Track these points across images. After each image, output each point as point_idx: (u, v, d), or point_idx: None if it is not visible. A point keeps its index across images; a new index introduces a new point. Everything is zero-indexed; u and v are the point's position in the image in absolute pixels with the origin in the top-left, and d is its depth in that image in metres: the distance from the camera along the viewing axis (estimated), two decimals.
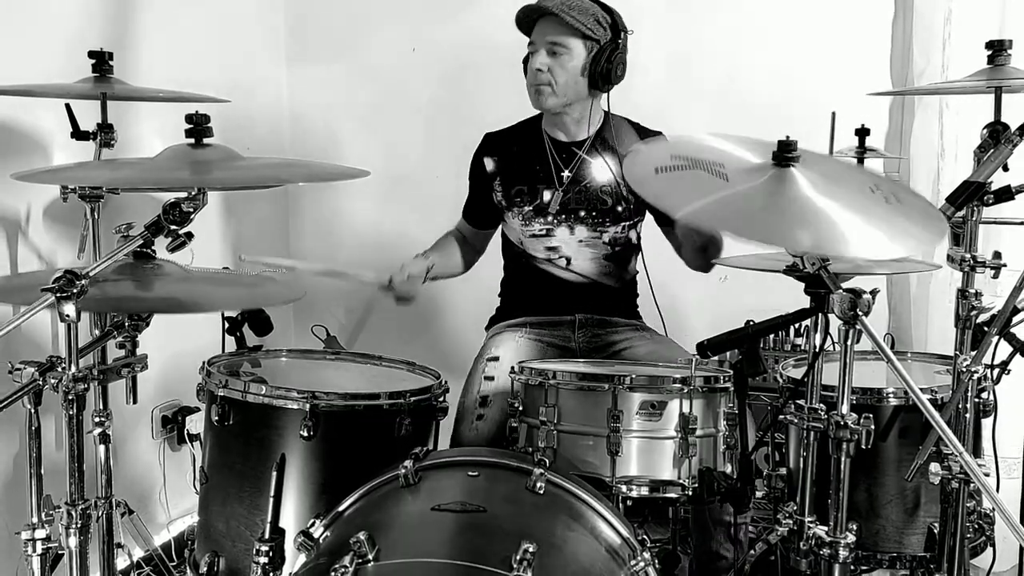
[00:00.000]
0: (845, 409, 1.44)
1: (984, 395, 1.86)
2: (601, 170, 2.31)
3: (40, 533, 1.42)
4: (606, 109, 2.35)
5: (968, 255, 1.68)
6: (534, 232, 2.34)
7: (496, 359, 2.22)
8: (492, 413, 2.08)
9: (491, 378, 2.16)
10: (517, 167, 2.35)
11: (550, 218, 2.31)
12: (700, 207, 1.42)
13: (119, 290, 1.57)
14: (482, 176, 2.39)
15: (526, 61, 2.28)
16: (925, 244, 1.72)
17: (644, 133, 2.35)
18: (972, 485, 1.72)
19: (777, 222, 1.42)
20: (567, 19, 2.16)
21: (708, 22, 2.88)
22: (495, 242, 2.49)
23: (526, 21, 2.25)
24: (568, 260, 2.34)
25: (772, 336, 2.62)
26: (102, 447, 1.82)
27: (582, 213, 2.31)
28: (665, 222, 2.39)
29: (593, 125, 2.32)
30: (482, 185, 2.39)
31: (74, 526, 1.45)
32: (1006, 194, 1.67)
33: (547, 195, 2.31)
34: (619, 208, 2.31)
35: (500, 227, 2.45)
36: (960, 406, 1.72)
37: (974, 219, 1.67)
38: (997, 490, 1.86)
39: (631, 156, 1.74)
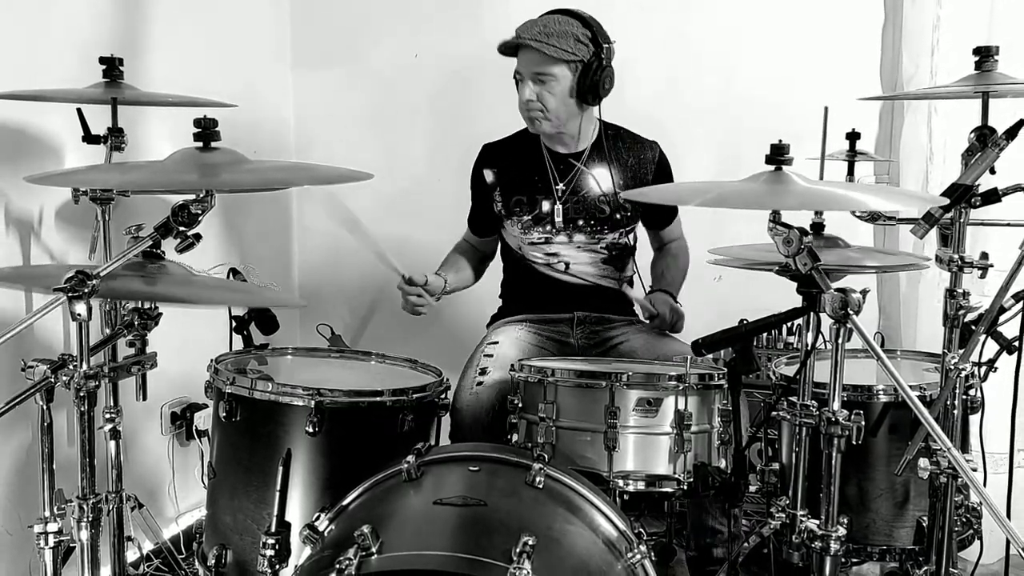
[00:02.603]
0: (836, 406, 1.47)
1: (972, 392, 1.88)
2: (599, 180, 2.32)
3: (52, 527, 1.44)
4: (600, 119, 2.35)
5: (956, 256, 1.70)
6: (533, 240, 2.36)
7: (496, 343, 2.25)
8: (491, 379, 2.10)
9: (490, 355, 2.19)
10: (516, 178, 2.36)
11: (549, 227, 2.34)
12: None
13: (128, 285, 1.59)
14: (482, 187, 2.41)
15: (517, 79, 2.27)
16: None
17: (640, 141, 2.37)
18: (960, 480, 1.74)
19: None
20: (546, 51, 2.15)
21: (703, 28, 2.90)
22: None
23: (509, 51, 2.24)
24: (567, 265, 2.36)
25: (765, 334, 2.65)
26: (112, 443, 1.82)
27: (580, 222, 2.33)
28: (652, 225, 2.43)
29: (589, 137, 2.33)
30: (483, 196, 2.42)
31: (85, 520, 1.47)
32: (993, 196, 1.69)
33: (545, 205, 2.33)
34: (617, 216, 2.33)
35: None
36: (948, 403, 1.75)
37: (962, 220, 1.69)
38: (984, 485, 1.88)
39: None
